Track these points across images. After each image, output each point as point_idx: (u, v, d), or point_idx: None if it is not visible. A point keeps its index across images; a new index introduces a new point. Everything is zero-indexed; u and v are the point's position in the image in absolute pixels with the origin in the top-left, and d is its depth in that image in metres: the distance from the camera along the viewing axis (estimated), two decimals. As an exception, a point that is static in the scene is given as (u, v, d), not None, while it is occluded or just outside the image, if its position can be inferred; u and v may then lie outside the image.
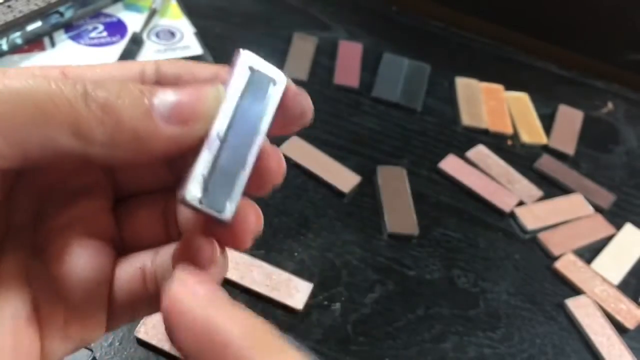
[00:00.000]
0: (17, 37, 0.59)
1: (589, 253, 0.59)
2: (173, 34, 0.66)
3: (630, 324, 0.54)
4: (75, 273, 0.23)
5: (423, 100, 0.69)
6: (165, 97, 0.21)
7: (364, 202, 0.59)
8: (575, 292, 0.56)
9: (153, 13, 0.67)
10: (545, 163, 0.66)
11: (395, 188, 0.60)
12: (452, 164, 0.63)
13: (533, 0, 0.79)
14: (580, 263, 0.57)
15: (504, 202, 0.61)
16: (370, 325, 0.50)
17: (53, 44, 0.61)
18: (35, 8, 0.59)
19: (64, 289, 0.22)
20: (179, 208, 0.25)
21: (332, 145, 0.62)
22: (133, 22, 0.66)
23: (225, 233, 0.22)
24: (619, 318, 0.54)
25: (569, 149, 0.68)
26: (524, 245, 0.59)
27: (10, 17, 0.58)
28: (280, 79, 0.23)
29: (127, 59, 0.61)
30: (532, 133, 0.68)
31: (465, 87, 0.71)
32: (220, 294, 0.20)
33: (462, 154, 0.64)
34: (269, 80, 0.23)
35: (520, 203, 0.61)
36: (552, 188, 0.64)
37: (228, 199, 0.22)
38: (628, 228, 0.61)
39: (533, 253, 0.58)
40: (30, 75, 0.19)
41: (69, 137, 0.19)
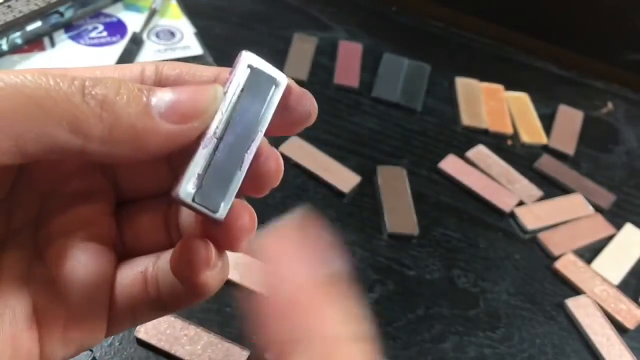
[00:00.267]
0: (17, 37, 0.59)
1: (589, 253, 0.59)
2: (173, 34, 0.66)
3: (630, 324, 0.54)
4: (76, 276, 0.22)
5: (423, 100, 0.69)
6: (164, 95, 0.21)
7: (364, 202, 0.59)
8: (575, 292, 0.56)
9: (153, 13, 0.67)
10: (545, 163, 0.66)
11: (395, 188, 0.60)
12: (452, 164, 0.63)
13: (533, 0, 0.79)
14: (580, 263, 0.57)
15: (504, 202, 0.61)
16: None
17: (53, 44, 0.61)
18: (35, 8, 0.59)
19: (64, 292, 0.22)
20: (181, 212, 0.25)
21: (332, 145, 0.62)
22: (133, 22, 0.66)
23: (219, 233, 0.22)
24: (619, 318, 0.54)
25: (569, 149, 0.68)
26: (524, 245, 0.59)
27: (10, 17, 0.58)
28: (282, 80, 0.23)
29: (127, 59, 0.61)
30: (532, 133, 0.68)
31: (465, 87, 0.71)
32: None
33: (462, 154, 0.64)
34: (270, 81, 0.23)
35: (520, 203, 0.61)
36: (552, 188, 0.64)
37: (222, 198, 0.22)
38: (628, 228, 0.61)
39: (533, 253, 0.58)
40: (29, 72, 0.19)
41: (67, 133, 0.19)
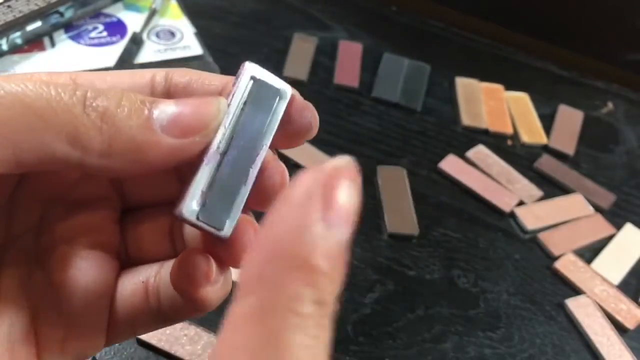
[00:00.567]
0: (17, 37, 0.59)
1: (589, 253, 0.59)
2: (173, 34, 0.66)
3: (630, 324, 0.54)
4: (77, 283, 0.22)
5: (423, 100, 0.69)
6: (166, 108, 0.20)
7: (364, 202, 0.58)
8: (575, 292, 0.56)
9: (153, 13, 0.67)
10: (545, 163, 0.66)
11: (395, 188, 0.60)
12: (452, 164, 0.63)
13: (533, 0, 0.79)
14: (580, 263, 0.57)
15: (504, 202, 0.61)
16: (370, 325, 0.50)
17: (53, 44, 0.61)
18: (35, 8, 0.59)
19: (64, 300, 0.22)
20: None
21: (332, 145, 0.62)
22: (133, 22, 0.66)
23: (223, 250, 0.22)
24: (619, 318, 0.54)
25: (569, 149, 0.68)
26: (524, 245, 0.59)
27: (10, 17, 0.58)
28: (286, 91, 0.23)
29: (127, 59, 0.61)
30: (532, 133, 0.68)
31: (465, 87, 0.71)
32: None
33: (462, 154, 0.64)
34: (274, 93, 0.22)
35: (520, 203, 0.61)
36: (552, 188, 0.64)
37: (227, 215, 0.21)
38: (628, 228, 0.61)
39: (533, 253, 0.58)
40: (32, 81, 0.19)
41: (66, 144, 0.19)
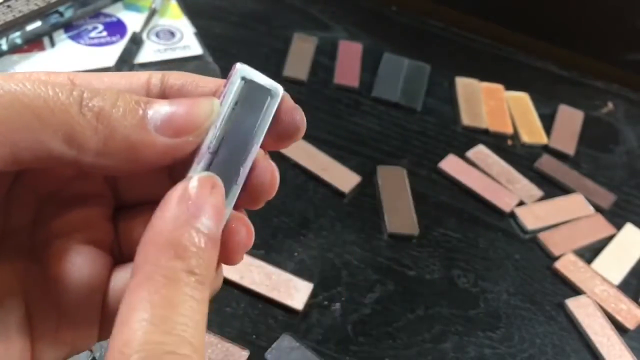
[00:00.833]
0: (16, 37, 0.59)
1: (589, 253, 0.59)
2: (173, 34, 0.66)
3: (631, 324, 0.54)
4: (70, 277, 0.22)
5: (423, 100, 0.69)
6: (160, 108, 0.21)
7: (364, 202, 0.59)
8: (576, 292, 0.56)
9: (153, 13, 0.66)
10: (546, 163, 0.66)
11: (395, 188, 0.60)
12: (452, 164, 0.63)
13: (533, 0, 0.79)
14: (581, 263, 0.57)
15: (504, 202, 0.61)
16: (370, 325, 0.50)
17: (53, 44, 0.61)
18: (35, 8, 0.59)
19: (58, 293, 0.22)
20: None
21: (332, 145, 0.62)
22: (133, 22, 0.66)
23: None
24: (619, 318, 0.54)
25: (569, 149, 0.68)
26: (524, 245, 0.59)
27: (10, 17, 0.58)
28: (277, 91, 0.23)
29: (127, 59, 0.61)
30: (532, 133, 0.68)
31: (465, 87, 0.71)
32: None
33: (462, 154, 0.64)
34: (265, 93, 0.23)
35: (521, 203, 0.61)
36: (552, 188, 0.64)
37: None
38: (628, 228, 0.61)
39: (533, 253, 0.58)
40: (31, 80, 0.19)
41: (62, 143, 0.19)
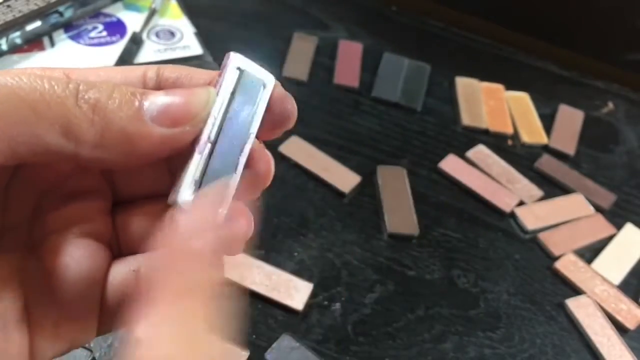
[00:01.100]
0: (16, 37, 0.59)
1: (590, 253, 0.59)
2: (173, 34, 0.66)
3: (631, 324, 0.54)
4: (69, 271, 0.23)
5: (423, 100, 0.69)
6: (156, 99, 0.21)
7: (364, 202, 0.59)
8: (576, 292, 0.56)
9: (153, 13, 0.66)
10: (546, 163, 0.66)
11: (395, 188, 0.60)
12: (452, 164, 0.63)
13: (533, 0, 0.78)
14: (581, 263, 0.57)
15: (504, 202, 0.61)
16: (370, 325, 0.50)
17: (53, 44, 0.61)
18: (35, 8, 0.59)
19: (57, 286, 0.22)
20: None
21: (332, 145, 0.62)
22: (133, 21, 0.66)
23: None
24: (620, 318, 0.54)
25: (570, 149, 0.68)
26: (524, 245, 0.59)
27: (10, 16, 0.58)
28: (269, 81, 0.23)
29: (126, 59, 0.61)
30: (532, 133, 0.68)
31: (465, 87, 0.71)
32: None
33: (462, 154, 0.64)
34: (259, 82, 0.23)
35: (521, 203, 0.61)
36: (552, 188, 0.64)
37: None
38: (628, 228, 0.61)
39: (533, 253, 0.58)
40: (27, 74, 0.19)
41: (59, 136, 0.19)
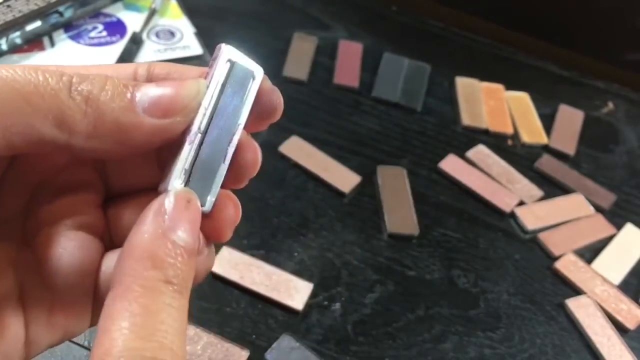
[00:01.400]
0: (16, 36, 0.59)
1: (590, 253, 0.59)
2: (173, 34, 0.66)
3: (631, 324, 0.54)
4: (62, 262, 0.23)
5: (423, 100, 0.69)
6: (148, 90, 0.21)
7: (364, 202, 0.59)
8: (576, 292, 0.55)
9: (153, 13, 0.66)
10: (546, 163, 0.66)
11: (395, 188, 0.60)
12: (452, 164, 0.63)
13: (533, 0, 0.78)
14: (581, 263, 0.57)
15: (504, 202, 0.61)
16: (370, 325, 0.50)
17: (53, 44, 0.61)
18: (35, 8, 0.59)
19: (51, 277, 0.23)
20: None
21: (332, 145, 0.62)
22: (133, 21, 0.66)
23: (206, 225, 0.23)
24: (620, 318, 0.54)
25: (570, 149, 0.68)
26: (524, 245, 0.59)
27: (10, 16, 0.58)
28: (258, 73, 0.24)
29: (126, 59, 0.61)
30: (532, 133, 0.68)
31: (465, 87, 0.71)
32: None
33: (462, 154, 0.64)
34: (248, 74, 0.23)
35: (521, 203, 0.61)
36: (552, 188, 0.64)
37: (208, 191, 0.23)
38: (629, 228, 0.61)
39: (533, 253, 0.58)
40: (21, 67, 0.20)
41: (53, 127, 0.20)
